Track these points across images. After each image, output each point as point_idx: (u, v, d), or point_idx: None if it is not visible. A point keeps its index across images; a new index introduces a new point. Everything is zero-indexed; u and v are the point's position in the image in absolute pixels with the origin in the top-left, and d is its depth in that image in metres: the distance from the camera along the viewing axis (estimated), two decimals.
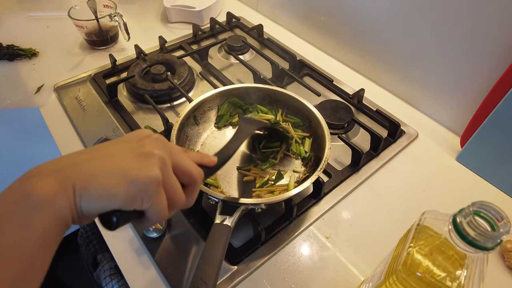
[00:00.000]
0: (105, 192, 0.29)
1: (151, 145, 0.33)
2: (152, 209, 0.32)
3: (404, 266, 0.32)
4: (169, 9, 0.98)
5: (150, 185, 0.31)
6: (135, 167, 0.31)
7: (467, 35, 0.61)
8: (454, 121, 0.71)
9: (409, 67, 0.74)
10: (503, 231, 0.26)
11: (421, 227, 0.34)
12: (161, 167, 0.32)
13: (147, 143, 0.33)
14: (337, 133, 0.67)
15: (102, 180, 0.29)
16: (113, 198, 0.29)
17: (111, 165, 0.30)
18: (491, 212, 0.27)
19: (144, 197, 0.31)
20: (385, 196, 0.61)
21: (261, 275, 0.51)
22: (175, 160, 0.34)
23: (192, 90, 0.80)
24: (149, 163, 0.31)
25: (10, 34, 0.95)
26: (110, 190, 0.29)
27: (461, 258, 0.31)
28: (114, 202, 0.30)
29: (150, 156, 0.32)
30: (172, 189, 0.33)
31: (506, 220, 0.27)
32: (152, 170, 0.31)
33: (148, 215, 0.33)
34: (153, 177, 0.31)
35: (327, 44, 0.91)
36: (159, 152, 0.33)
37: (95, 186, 0.29)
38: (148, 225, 0.34)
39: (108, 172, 0.30)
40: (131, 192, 0.30)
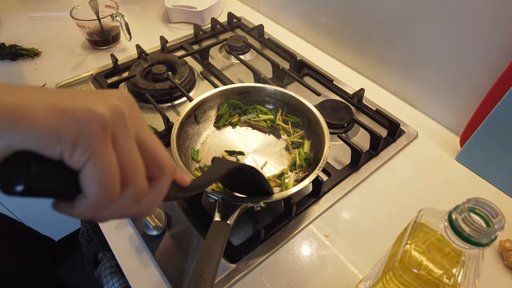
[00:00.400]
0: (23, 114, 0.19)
1: (112, 95, 0.24)
2: (90, 168, 0.21)
3: (401, 263, 0.33)
4: (171, 10, 0.99)
5: (90, 123, 0.21)
6: (78, 99, 0.22)
7: (467, 35, 0.62)
8: (454, 120, 0.71)
9: (409, 67, 0.74)
10: (497, 227, 0.27)
11: (418, 224, 0.34)
12: (113, 113, 0.23)
13: (108, 92, 0.25)
14: (336, 133, 0.67)
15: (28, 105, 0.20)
16: (32, 124, 0.19)
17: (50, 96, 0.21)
18: (486, 209, 0.28)
19: (79, 140, 0.21)
20: (385, 195, 0.61)
21: (260, 273, 0.51)
22: (142, 133, 0.25)
23: (193, 89, 0.81)
24: (98, 101, 0.22)
25: (13, 34, 0.96)
26: (32, 113, 0.20)
27: (458, 255, 0.32)
28: (30, 130, 0.20)
29: (104, 99, 0.23)
30: (129, 157, 0.24)
31: (501, 217, 0.27)
32: (97, 106, 0.22)
33: (85, 179, 0.22)
34: (97, 113, 0.22)
35: (327, 44, 0.91)
36: (117, 101, 0.24)
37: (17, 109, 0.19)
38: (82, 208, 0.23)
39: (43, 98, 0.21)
40: (60, 123, 0.20)
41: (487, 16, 0.58)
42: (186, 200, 0.58)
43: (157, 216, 0.54)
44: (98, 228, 0.80)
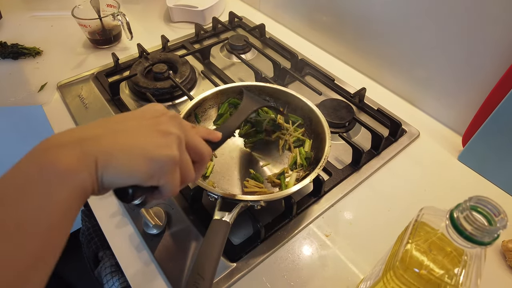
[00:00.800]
0: (126, 168, 0.30)
1: (168, 123, 0.34)
2: (166, 185, 0.33)
3: (402, 262, 0.32)
4: (172, 9, 0.99)
5: (168, 164, 0.32)
6: (155, 144, 0.32)
7: (469, 35, 0.61)
8: (456, 120, 0.71)
9: (411, 66, 0.74)
10: (500, 225, 0.26)
11: (419, 223, 0.34)
12: (178, 146, 0.33)
13: (163, 121, 0.34)
14: (338, 132, 0.67)
15: (124, 156, 0.30)
16: (134, 175, 0.30)
17: (132, 141, 0.31)
18: (488, 207, 0.27)
19: (162, 175, 0.32)
20: (386, 195, 0.61)
21: (260, 273, 0.51)
22: (188, 138, 0.36)
23: (194, 88, 0.81)
24: (167, 142, 0.32)
25: (15, 33, 0.96)
26: (131, 167, 0.30)
27: (459, 254, 0.31)
28: (134, 179, 0.31)
29: (168, 135, 0.33)
30: (186, 166, 0.35)
31: (503, 215, 0.27)
32: (171, 149, 0.32)
33: (162, 190, 0.34)
34: (171, 156, 0.32)
35: (329, 44, 0.91)
36: (176, 131, 0.34)
37: (117, 162, 0.29)
38: (159, 198, 0.35)
39: (129, 148, 0.30)
40: (151, 169, 0.31)
41: (489, 16, 0.57)
42: (186, 198, 0.58)
43: (157, 215, 0.54)
44: (98, 227, 0.80)
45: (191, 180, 0.36)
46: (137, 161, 0.30)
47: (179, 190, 0.36)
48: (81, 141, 0.29)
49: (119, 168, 0.30)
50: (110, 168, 0.29)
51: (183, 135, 0.35)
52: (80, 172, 0.27)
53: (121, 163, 0.30)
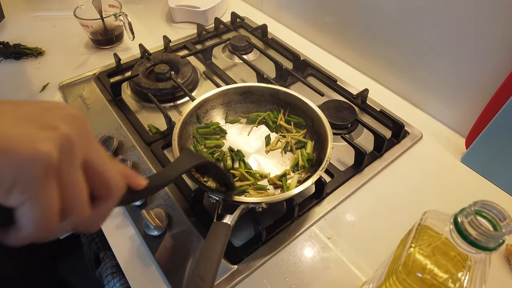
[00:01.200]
0: None
1: (60, 118, 0.23)
2: (27, 208, 0.20)
3: (405, 267, 0.32)
4: (174, 9, 0.99)
5: (33, 164, 0.20)
6: (21, 135, 0.20)
7: (473, 36, 0.61)
8: (459, 122, 0.70)
9: (414, 67, 0.73)
10: (505, 231, 0.26)
11: (422, 227, 0.33)
12: (61, 147, 0.21)
13: (54, 114, 0.23)
14: (340, 133, 0.66)
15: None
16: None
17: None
18: (493, 212, 0.27)
19: (18, 183, 0.20)
20: (388, 197, 0.60)
21: (261, 275, 0.51)
22: (90, 156, 0.24)
23: (196, 89, 0.80)
24: (43, 136, 0.21)
25: (17, 33, 0.96)
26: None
27: (463, 259, 0.31)
28: None
29: (51, 129, 0.22)
30: (72, 188, 0.23)
31: (509, 220, 0.26)
32: (44, 143, 0.20)
33: (20, 217, 0.21)
34: (41, 153, 0.20)
35: (331, 44, 0.90)
36: (66, 128, 0.22)
37: None
38: (16, 238, 0.22)
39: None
40: (2, 170, 0.19)
41: (493, 17, 0.57)
42: (187, 200, 0.57)
43: (158, 216, 0.54)
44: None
45: (80, 215, 0.23)
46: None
47: (55, 225, 0.22)
48: None
49: None
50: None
51: (80, 142, 0.23)
52: None
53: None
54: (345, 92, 0.76)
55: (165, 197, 0.58)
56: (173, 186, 0.60)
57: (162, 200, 0.58)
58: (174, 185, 0.60)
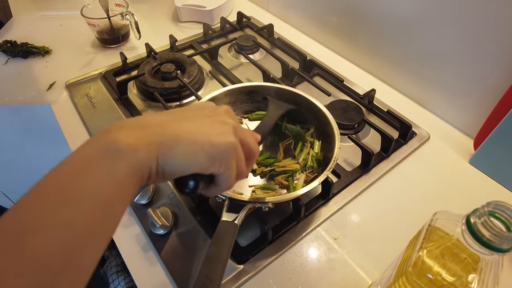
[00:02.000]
0: (190, 152, 0.31)
1: (224, 115, 0.36)
2: (225, 174, 0.34)
3: (415, 268, 0.31)
4: (180, 9, 0.99)
5: (229, 149, 0.33)
6: (216, 132, 0.33)
7: (482, 36, 0.60)
8: (467, 123, 0.69)
9: (421, 68, 0.73)
10: None
11: (432, 228, 0.33)
12: (235, 134, 0.35)
13: (220, 113, 0.36)
14: (347, 134, 0.66)
15: (188, 141, 0.31)
16: (196, 160, 0.31)
17: (195, 128, 0.32)
18: (507, 213, 0.26)
19: (222, 161, 0.33)
20: (395, 198, 0.60)
21: (267, 275, 0.50)
22: (242, 135, 0.37)
23: (202, 88, 0.80)
24: (226, 130, 0.34)
25: (25, 32, 0.97)
26: (195, 151, 0.31)
27: (474, 261, 0.30)
28: (196, 164, 0.31)
29: (226, 124, 0.35)
30: (240, 158, 0.36)
31: None
32: (230, 136, 0.34)
33: (219, 181, 0.35)
34: (231, 142, 0.33)
35: (338, 44, 0.90)
36: (232, 121, 0.35)
37: (180, 146, 0.30)
38: (215, 192, 0.36)
39: (194, 133, 0.32)
40: (212, 154, 0.32)
41: (502, 17, 0.56)
42: (193, 199, 0.57)
43: (164, 215, 0.53)
44: None
45: (243, 173, 0.37)
46: (200, 145, 0.31)
47: (234, 183, 0.36)
48: (144, 127, 0.30)
49: (182, 152, 0.30)
50: (173, 153, 0.30)
51: (237, 127, 0.36)
52: (139, 151, 0.28)
53: (185, 147, 0.30)
54: (352, 92, 0.75)
55: (171, 196, 0.58)
56: None
57: (168, 199, 0.58)
58: None
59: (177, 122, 0.32)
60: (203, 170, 0.32)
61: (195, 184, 0.32)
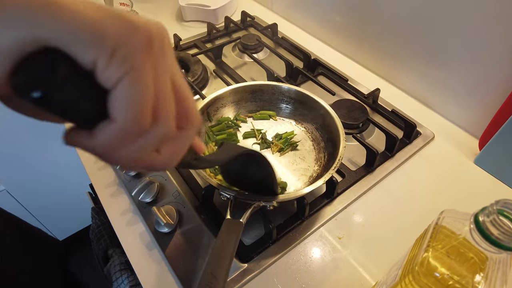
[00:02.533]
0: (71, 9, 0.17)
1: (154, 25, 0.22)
2: (126, 85, 0.19)
3: (421, 266, 0.31)
4: (184, 8, 0.99)
5: (136, 32, 0.19)
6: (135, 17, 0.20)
7: (487, 36, 0.60)
8: (472, 123, 0.69)
9: (426, 67, 0.73)
10: None
11: (439, 226, 0.33)
12: (158, 34, 0.21)
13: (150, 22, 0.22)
14: (351, 133, 0.66)
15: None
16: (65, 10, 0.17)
17: None
18: None
19: (119, 47, 0.18)
20: (400, 198, 0.59)
21: (271, 274, 0.50)
22: (176, 75, 0.23)
23: (206, 87, 0.80)
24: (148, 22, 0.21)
25: None
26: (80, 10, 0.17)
27: (481, 261, 0.30)
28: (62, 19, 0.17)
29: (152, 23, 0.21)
30: (163, 93, 0.21)
31: None
32: (149, 25, 0.21)
33: (117, 101, 0.19)
34: (147, 28, 0.20)
35: (342, 44, 0.90)
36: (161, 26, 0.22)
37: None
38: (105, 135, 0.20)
39: None
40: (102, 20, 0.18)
41: (507, 16, 0.56)
42: (197, 197, 0.57)
43: (168, 213, 0.53)
44: (108, 225, 0.80)
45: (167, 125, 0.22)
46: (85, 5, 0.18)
47: (146, 125, 0.21)
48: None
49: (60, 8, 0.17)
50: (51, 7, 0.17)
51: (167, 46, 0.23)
52: None
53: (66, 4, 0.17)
54: (356, 91, 0.75)
55: (176, 194, 0.58)
56: (183, 183, 0.60)
57: (172, 197, 0.58)
58: (184, 182, 0.60)
59: None
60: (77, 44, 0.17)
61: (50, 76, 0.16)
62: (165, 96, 0.21)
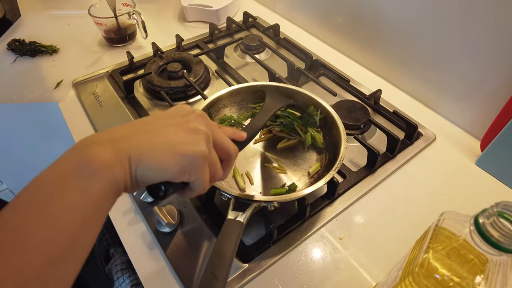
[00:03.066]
0: (158, 164, 0.31)
1: (196, 122, 0.35)
2: (197, 181, 0.34)
3: (421, 268, 0.31)
4: (187, 8, 0.99)
5: (198, 159, 0.33)
6: (185, 141, 0.33)
7: (489, 36, 0.60)
8: (474, 124, 0.69)
9: (428, 68, 0.72)
10: None
11: (439, 228, 0.33)
12: (206, 142, 0.34)
13: (191, 119, 0.35)
14: (353, 134, 0.66)
15: (154, 153, 0.31)
16: (166, 170, 0.31)
17: (161, 139, 0.32)
18: None
19: (193, 171, 0.33)
20: (401, 199, 0.59)
21: (272, 274, 0.50)
22: (215, 137, 0.37)
23: (208, 88, 0.81)
24: (196, 139, 0.34)
25: (33, 31, 0.98)
26: (163, 162, 0.31)
27: (482, 263, 0.30)
28: (166, 174, 0.32)
29: (197, 132, 0.34)
30: (214, 164, 0.36)
31: None
32: (200, 145, 0.33)
33: (193, 186, 0.35)
34: (201, 152, 0.33)
35: (344, 45, 0.90)
36: (204, 128, 0.35)
37: (149, 158, 0.31)
38: (190, 195, 0.37)
39: (160, 145, 0.32)
40: (182, 165, 0.32)
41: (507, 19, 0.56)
42: (199, 198, 0.57)
43: (169, 213, 0.54)
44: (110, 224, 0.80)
45: (219, 177, 0.38)
46: (168, 157, 0.31)
47: (208, 187, 0.37)
48: (113, 141, 0.30)
49: (151, 164, 0.31)
50: (143, 164, 0.30)
51: (210, 132, 0.36)
52: (113, 168, 0.28)
53: (153, 159, 0.31)
54: (357, 92, 0.75)
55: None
56: None
57: (173, 197, 0.58)
58: None
59: (146, 134, 0.32)
60: (174, 179, 0.32)
61: (165, 191, 0.33)
62: (215, 165, 0.37)
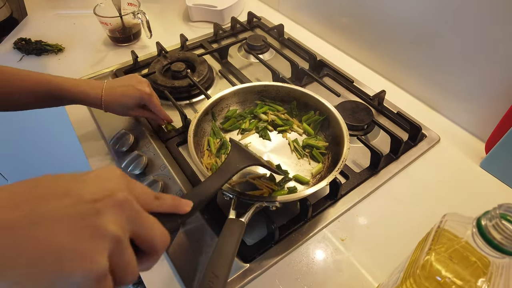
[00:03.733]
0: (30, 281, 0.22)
1: (108, 214, 0.25)
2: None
3: (423, 270, 0.31)
4: (191, 8, 1.00)
5: (88, 280, 0.23)
6: (74, 251, 0.23)
7: (494, 38, 0.59)
8: (479, 126, 0.68)
9: (432, 69, 0.72)
10: None
11: (441, 230, 0.33)
12: (111, 252, 0.24)
13: (103, 209, 0.25)
14: (356, 135, 0.65)
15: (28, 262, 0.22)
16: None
17: (41, 243, 0.22)
18: None
19: None
20: (404, 200, 0.59)
21: (273, 274, 0.50)
22: (138, 229, 0.27)
23: (211, 87, 0.81)
24: (93, 249, 0.23)
25: (39, 30, 0.98)
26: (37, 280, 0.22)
27: (484, 265, 0.30)
28: None
29: (100, 237, 0.24)
30: (123, 270, 0.26)
31: None
32: (96, 261, 0.23)
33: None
34: (94, 272, 0.23)
35: (348, 45, 0.90)
36: (113, 229, 0.25)
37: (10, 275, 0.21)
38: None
39: (39, 256, 0.22)
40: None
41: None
42: None
43: None
44: None
45: (132, 278, 0.27)
46: (42, 275, 0.22)
47: None
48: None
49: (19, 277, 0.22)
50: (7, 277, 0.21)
51: (128, 227, 0.26)
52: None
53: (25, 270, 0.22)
54: (361, 93, 0.75)
55: (179, 194, 0.58)
56: (187, 183, 0.60)
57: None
58: (188, 181, 0.60)
59: (27, 229, 0.22)
60: None
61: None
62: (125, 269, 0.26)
